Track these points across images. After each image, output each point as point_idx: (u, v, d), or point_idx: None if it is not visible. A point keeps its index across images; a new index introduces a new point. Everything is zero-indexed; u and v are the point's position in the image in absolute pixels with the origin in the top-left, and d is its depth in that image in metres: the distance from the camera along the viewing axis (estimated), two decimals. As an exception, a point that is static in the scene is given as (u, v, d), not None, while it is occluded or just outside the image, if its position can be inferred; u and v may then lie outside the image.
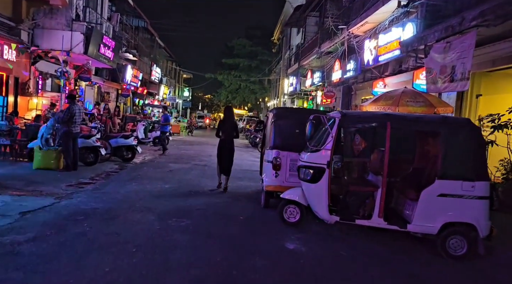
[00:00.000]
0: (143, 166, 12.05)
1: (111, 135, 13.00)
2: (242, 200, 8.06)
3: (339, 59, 18.58)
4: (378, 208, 5.43)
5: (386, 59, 13.54)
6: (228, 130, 8.83)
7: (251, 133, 25.94)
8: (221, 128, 8.90)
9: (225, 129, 8.85)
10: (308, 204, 5.96)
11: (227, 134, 8.82)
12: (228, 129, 8.83)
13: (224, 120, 9.02)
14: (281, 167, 7.06)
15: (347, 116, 5.64)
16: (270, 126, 7.46)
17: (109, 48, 18.09)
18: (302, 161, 5.96)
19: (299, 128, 7.15)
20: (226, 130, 8.83)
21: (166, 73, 43.59)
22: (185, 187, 8.96)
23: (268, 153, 7.34)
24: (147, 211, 6.45)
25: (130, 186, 8.61)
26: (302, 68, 26.87)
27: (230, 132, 8.85)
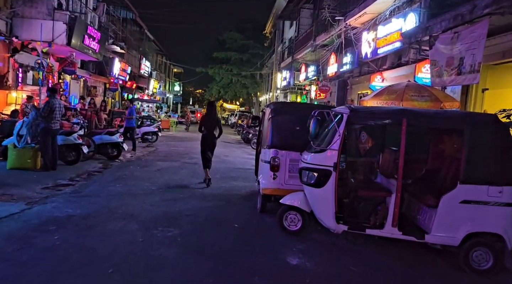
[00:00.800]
0: (129, 164, 11.29)
1: (95, 131, 12.20)
2: (237, 203, 7.37)
3: (334, 53, 17.93)
4: (391, 216, 4.79)
5: (386, 52, 12.91)
6: (211, 125, 8.84)
7: (244, 129, 25.22)
8: (204, 123, 8.89)
9: (207, 124, 8.84)
10: (311, 210, 5.30)
11: (210, 130, 8.85)
12: (211, 125, 8.84)
13: (207, 115, 9.06)
14: (280, 168, 6.39)
15: (357, 112, 4.97)
16: (267, 122, 6.77)
17: (94, 39, 17.21)
18: (305, 162, 5.28)
19: (300, 125, 6.48)
20: (209, 125, 8.83)
21: (156, 67, 42.58)
22: (174, 188, 8.24)
23: (265, 152, 6.65)
24: (130, 218, 5.73)
25: (113, 187, 7.86)
26: (295, 62, 26.20)
27: (213, 128, 8.86)
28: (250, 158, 15.16)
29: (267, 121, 6.81)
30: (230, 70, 44.03)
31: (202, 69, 45.13)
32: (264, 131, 7.11)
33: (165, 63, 49.41)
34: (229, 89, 46.36)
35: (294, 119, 6.61)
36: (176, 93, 57.34)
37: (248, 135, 22.32)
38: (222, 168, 11.81)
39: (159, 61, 46.15)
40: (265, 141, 6.77)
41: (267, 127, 6.76)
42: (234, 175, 10.57)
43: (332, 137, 5.02)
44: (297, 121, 6.57)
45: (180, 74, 58.38)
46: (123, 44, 25.99)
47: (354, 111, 4.95)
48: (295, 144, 6.45)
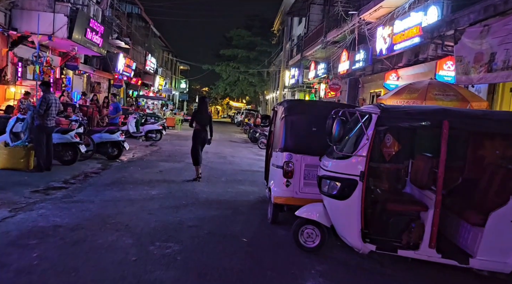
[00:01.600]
0: (129, 165, 10.62)
1: (95, 129, 11.55)
2: (245, 211, 6.66)
3: (346, 49, 17.17)
4: (429, 236, 4.06)
5: (403, 48, 12.15)
6: (203, 121, 8.80)
7: (250, 128, 24.53)
8: (196, 119, 8.83)
9: (199, 120, 8.79)
10: (332, 224, 4.59)
11: (202, 125, 8.81)
12: (202, 120, 8.80)
13: (198, 111, 8.99)
14: (294, 174, 5.67)
15: (388, 112, 4.24)
16: (280, 122, 6.05)
17: (97, 33, 16.56)
18: (325, 169, 4.57)
19: (317, 125, 5.77)
20: (201, 121, 8.79)
21: (162, 64, 41.97)
22: (176, 193, 7.55)
23: (277, 156, 5.94)
24: (124, 230, 5.04)
25: (109, 192, 7.19)
26: (304, 59, 25.46)
27: (205, 124, 8.83)
28: (257, 158, 14.46)
29: (280, 121, 6.09)
30: (237, 67, 43.30)
31: (209, 67, 44.42)
32: (276, 132, 6.39)
33: (171, 60, 48.80)
34: (235, 87, 45.65)
35: (310, 119, 5.90)
36: (182, 91, 56.73)
37: (255, 135, 21.63)
38: (229, 170, 11.11)
39: (165, 58, 45.54)
40: (277, 143, 6.05)
41: (280, 128, 6.04)
42: (241, 178, 9.87)
43: (358, 141, 4.30)
44: (314, 121, 5.86)
45: (186, 71, 57.78)
46: (128, 39, 25.37)
47: (386, 111, 4.22)
48: (312, 147, 5.75)
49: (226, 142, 21.33)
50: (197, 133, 8.87)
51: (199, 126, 8.80)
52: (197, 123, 8.80)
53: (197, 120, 8.80)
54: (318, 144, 5.65)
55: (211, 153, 14.86)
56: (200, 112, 8.92)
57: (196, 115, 8.96)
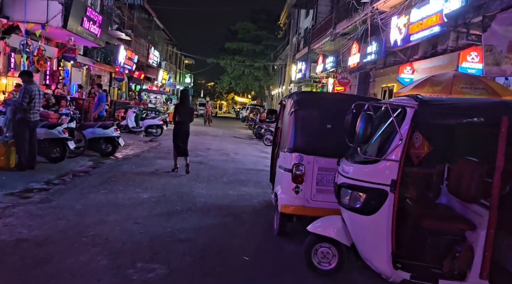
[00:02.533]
0: (124, 162, 9.80)
1: (87, 124, 10.73)
2: (247, 219, 5.81)
3: (357, 41, 16.24)
4: (480, 264, 3.19)
5: (420, 39, 11.22)
6: (185, 114, 8.80)
7: (255, 123, 23.68)
8: (178, 112, 8.84)
9: (181, 113, 8.78)
10: (352, 243, 3.74)
11: (184, 119, 8.80)
12: (185, 114, 8.80)
13: (181, 104, 9.01)
14: (305, 179, 4.81)
15: (428, 106, 3.37)
16: (289, 118, 5.18)
17: (95, 23, 15.71)
18: (345, 176, 3.70)
19: (333, 122, 4.91)
20: (183, 114, 8.78)
21: (166, 57, 41.13)
22: (171, 197, 6.71)
23: (285, 157, 5.08)
24: (102, 246, 4.21)
25: (95, 195, 6.37)
26: (312, 52, 24.54)
27: (186, 116, 8.84)
28: (262, 156, 13.62)
29: (288, 117, 5.22)
30: (242, 61, 42.36)
31: (213, 60, 43.53)
32: (284, 129, 5.52)
33: (176, 54, 47.93)
34: (240, 81, 44.73)
35: (324, 114, 5.03)
36: (187, 85, 55.91)
37: (260, 130, 20.78)
38: (231, 168, 10.26)
39: (170, 52, 44.68)
40: (285, 142, 5.19)
41: (288, 124, 5.18)
42: (244, 178, 9.02)
43: (388, 142, 3.43)
44: (329, 117, 5.00)
45: (191, 65, 56.94)
46: (130, 31, 24.54)
47: (425, 104, 3.35)
48: (326, 147, 4.89)
49: (229, 137, 20.50)
50: (177, 127, 8.91)
51: (181, 119, 8.75)
52: (179, 116, 8.75)
53: (179, 114, 8.75)
54: (334, 143, 4.80)
55: (213, 149, 14.04)
56: (183, 105, 8.92)
57: (179, 109, 8.92)
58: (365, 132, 3.34)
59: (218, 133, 22.15)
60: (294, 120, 5.01)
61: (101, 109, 12.23)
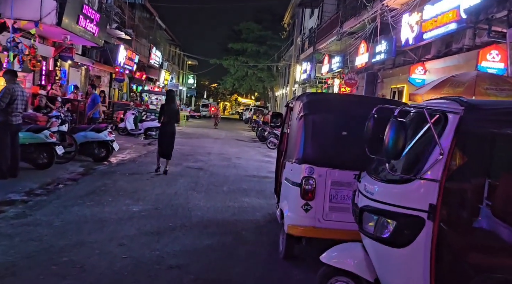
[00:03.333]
0: (117, 169, 9.13)
1: (79, 127, 10.07)
2: (249, 238, 5.11)
3: (365, 41, 15.54)
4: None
5: (434, 37, 10.54)
6: (170, 114, 8.80)
7: (259, 125, 22.99)
8: (163, 112, 8.83)
9: (168, 114, 8.76)
10: (377, 278, 3.03)
11: (170, 119, 8.83)
12: (171, 114, 8.81)
13: (167, 104, 8.97)
14: (316, 195, 4.12)
15: (479, 112, 2.66)
16: (297, 123, 4.49)
17: (92, 21, 15.07)
18: (369, 197, 3.00)
19: (349, 128, 4.22)
20: (168, 114, 8.77)
21: (168, 58, 40.52)
22: (164, 209, 6.02)
23: (292, 169, 4.38)
24: (74, 277, 3.51)
25: (79, 208, 5.69)
26: (317, 53, 23.87)
27: (172, 117, 8.86)
28: (265, 160, 12.93)
29: (297, 122, 4.53)
30: (245, 62, 41.68)
31: (217, 61, 42.87)
32: (291, 136, 4.81)
33: (178, 55, 47.31)
34: (244, 82, 44.05)
35: (339, 119, 4.34)
36: (190, 86, 55.30)
37: (263, 133, 20.11)
38: (232, 175, 9.56)
39: (172, 52, 44.07)
40: (293, 151, 4.49)
41: (297, 130, 4.48)
42: (246, 187, 8.33)
43: (424, 157, 2.72)
44: (344, 122, 4.32)
45: (194, 66, 56.32)
46: (131, 31, 23.92)
47: (474, 109, 2.64)
48: (341, 157, 4.20)
49: (232, 140, 19.82)
50: (162, 128, 8.94)
51: (167, 119, 8.76)
52: (165, 116, 8.74)
53: (165, 115, 8.75)
54: (350, 153, 4.12)
55: (214, 153, 13.37)
56: (168, 105, 8.89)
57: (164, 109, 8.88)
58: (397, 144, 2.63)
59: (220, 136, 21.48)
60: (304, 126, 4.31)
61: (96, 111, 11.54)
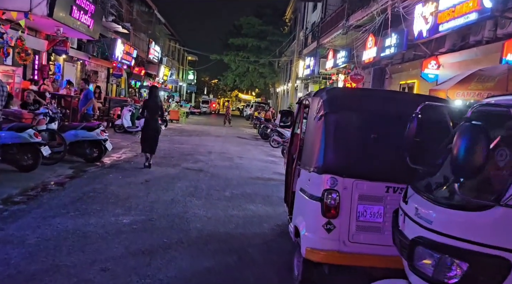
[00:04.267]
0: (110, 171, 8.40)
1: (69, 125, 9.33)
2: (255, 258, 4.38)
3: (373, 34, 14.77)
4: None
5: (451, 28, 9.80)
6: (154, 110, 8.85)
7: (261, 122, 22.29)
8: (147, 108, 8.88)
9: (150, 109, 8.83)
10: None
11: (153, 115, 8.86)
12: (153, 110, 8.85)
13: (149, 100, 9.09)
14: (341, 211, 3.38)
15: None
16: (316, 125, 3.74)
17: (87, 13, 14.29)
18: (424, 225, 2.25)
19: (380, 130, 3.47)
20: (151, 110, 8.83)
21: (168, 53, 39.68)
22: (158, 221, 5.28)
23: (310, 179, 3.64)
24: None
25: (61, 219, 4.95)
26: (321, 47, 23.09)
27: (155, 113, 8.90)
28: (269, 160, 12.20)
29: (315, 123, 3.78)
30: (246, 57, 40.84)
31: (217, 56, 42.03)
32: (308, 139, 4.05)
33: (178, 50, 46.46)
34: (245, 78, 43.21)
35: (367, 119, 3.59)
36: (190, 82, 54.49)
37: (266, 130, 19.37)
38: (235, 177, 8.83)
39: (172, 48, 43.22)
40: (311, 158, 3.74)
41: (315, 133, 3.73)
42: (250, 191, 7.60)
43: (505, 175, 1.99)
44: (374, 122, 3.58)
45: (194, 62, 55.49)
46: (129, 25, 23.13)
47: None
48: (370, 165, 3.47)
49: (233, 138, 19.08)
50: (146, 123, 8.93)
51: (150, 115, 8.81)
52: (148, 112, 8.79)
53: (148, 110, 8.80)
54: (382, 160, 3.39)
55: (215, 152, 12.63)
56: (150, 101, 8.97)
57: (147, 105, 8.95)
58: (474, 157, 1.89)
59: (221, 133, 20.74)
60: (324, 127, 3.56)
61: (89, 107, 10.79)
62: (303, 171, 3.94)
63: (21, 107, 9.27)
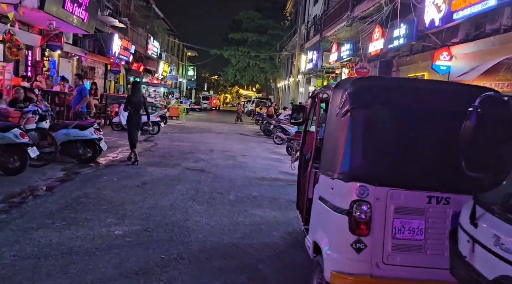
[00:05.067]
0: (104, 172, 7.80)
1: (60, 124, 8.73)
2: (267, 275, 3.78)
3: (380, 25, 14.14)
4: None
5: (467, 16, 9.24)
6: (137, 105, 8.84)
7: (263, 119, 21.65)
8: (129, 103, 8.84)
9: (133, 104, 8.76)
10: None
11: (136, 110, 8.83)
12: (136, 105, 8.82)
13: (132, 95, 8.99)
14: (373, 227, 2.78)
15: None
16: (340, 122, 3.12)
17: (81, 5, 13.67)
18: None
19: (419, 128, 2.88)
20: (134, 105, 8.77)
21: (167, 49, 39.01)
22: (156, 231, 4.68)
23: (334, 187, 3.03)
24: None
25: (45, 231, 4.36)
26: (324, 40, 22.44)
27: (139, 108, 8.91)
28: (274, 158, 11.61)
29: (338, 120, 3.17)
30: (247, 52, 40.14)
31: (217, 51, 41.33)
32: (329, 139, 3.42)
33: (178, 46, 45.76)
34: (245, 73, 42.49)
35: (403, 115, 2.97)
36: (190, 78, 53.80)
37: (268, 127, 18.77)
38: (239, 178, 8.24)
39: (171, 43, 42.54)
40: (334, 161, 3.13)
41: (340, 132, 3.12)
42: (257, 193, 7.00)
43: None
44: (412, 119, 2.96)
45: (194, 58, 54.78)
46: (126, 19, 22.47)
47: None
48: (408, 171, 2.87)
49: (235, 135, 18.47)
50: (129, 118, 8.89)
51: (133, 110, 8.75)
52: (131, 107, 8.74)
53: (130, 105, 8.75)
54: (422, 164, 2.79)
55: (217, 150, 12.03)
56: (133, 96, 8.90)
57: (130, 100, 8.89)
58: None
59: (222, 130, 20.13)
60: (351, 125, 2.95)
61: (83, 105, 10.18)
62: (323, 176, 3.33)
63: (9, 105, 8.69)
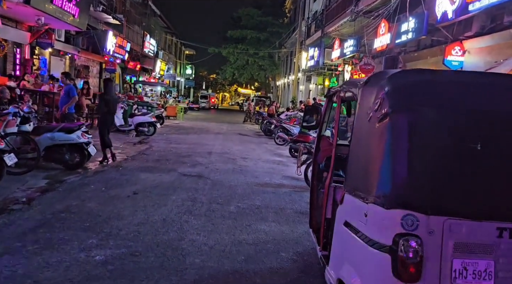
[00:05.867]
0: (92, 180, 7.08)
1: (44, 127, 8.01)
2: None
3: (386, 19, 13.47)
4: None
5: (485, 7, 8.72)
6: (113, 104, 8.72)
7: (263, 118, 20.92)
8: (107, 103, 8.55)
9: (108, 103, 8.55)
10: None
11: (112, 108, 8.70)
12: (112, 103, 8.67)
13: (106, 94, 8.80)
14: (426, 270, 2.08)
15: None
16: (373, 129, 2.41)
17: (71, 0, 12.95)
18: None
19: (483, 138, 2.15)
20: (109, 104, 8.58)
21: (164, 47, 38.23)
22: (145, 255, 3.97)
23: (368, 214, 2.33)
24: None
25: (10, 258, 3.64)
26: (326, 37, 21.76)
27: (115, 106, 8.92)
28: (277, 161, 10.91)
29: (371, 126, 2.45)
30: (246, 50, 39.39)
31: (215, 49, 40.58)
32: (358, 150, 2.66)
33: (175, 44, 44.98)
34: (244, 71, 41.75)
35: (462, 120, 2.27)
36: (188, 77, 53.02)
37: (269, 126, 18.03)
38: (240, 184, 7.52)
39: (168, 41, 41.75)
40: (366, 179, 2.42)
41: (373, 142, 2.41)
42: (260, 203, 6.29)
43: None
44: (474, 125, 2.25)
45: (192, 56, 53.99)
46: (121, 16, 21.72)
47: None
48: (471, 195, 2.16)
49: (234, 135, 17.75)
50: (103, 118, 8.72)
51: (108, 109, 8.60)
52: (106, 106, 8.56)
53: (106, 104, 8.56)
54: (490, 186, 2.07)
55: (216, 153, 11.33)
56: (108, 94, 8.74)
57: (107, 98, 8.63)
58: None
59: (221, 130, 19.40)
60: (391, 134, 2.24)
61: (71, 106, 9.43)
62: (351, 197, 2.62)
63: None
